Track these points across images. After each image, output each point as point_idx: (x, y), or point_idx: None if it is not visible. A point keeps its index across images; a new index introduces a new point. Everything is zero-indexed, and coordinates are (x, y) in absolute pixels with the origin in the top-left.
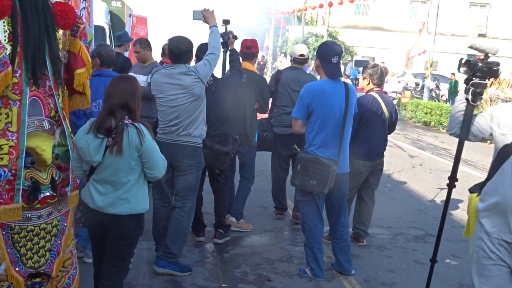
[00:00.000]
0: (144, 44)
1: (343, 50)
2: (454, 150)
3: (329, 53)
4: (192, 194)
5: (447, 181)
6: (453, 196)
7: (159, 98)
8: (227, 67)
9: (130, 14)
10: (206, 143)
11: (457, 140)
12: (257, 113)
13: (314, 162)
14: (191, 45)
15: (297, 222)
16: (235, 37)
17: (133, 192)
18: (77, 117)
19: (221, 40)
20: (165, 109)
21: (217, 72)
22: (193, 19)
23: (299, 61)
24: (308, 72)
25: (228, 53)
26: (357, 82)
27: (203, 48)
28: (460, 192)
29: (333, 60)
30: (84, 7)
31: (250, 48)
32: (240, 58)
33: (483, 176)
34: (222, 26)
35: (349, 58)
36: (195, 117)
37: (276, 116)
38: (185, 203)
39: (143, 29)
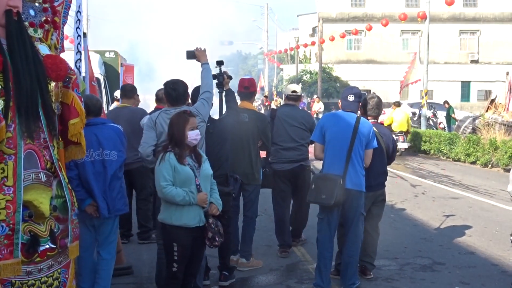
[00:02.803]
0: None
1: (339, 84)
2: (456, 177)
3: (346, 93)
4: None
5: (452, 208)
6: (458, 222)
7: (165, 141)
8: (224, 107)
9: (121, 64)
10: None
11: (459, 167)
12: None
13: (323, 179)
14: (187, 87)
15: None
16: (230, 77)
17: (162, 204)
18: (68, 168)
19: (216, 81)
20: None
21: (214, 113)
22: (187, 58)
23: (292, 98)
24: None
25: (223, 93)
26: None
27: (197, 92)
28: (465, 218)
29: (349, 98)
30: (79, 59)
31: (248, 88)
32: (238, 98)
33: (486, 201)
34: (216, 67)
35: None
36: None
37: (274, 152)
38: None
39: (130, 77)
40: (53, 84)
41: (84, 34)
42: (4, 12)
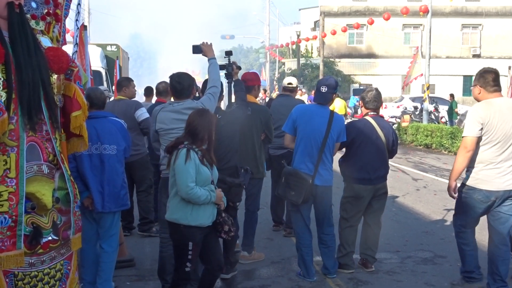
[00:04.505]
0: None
1: (341, 78)
2: None
3: (320, 84)
4: None
5: (453, 202)
6: None
7: (167, 134)
8: (233, 98)
9: (117, 57)
10: None
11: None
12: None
13: (293, 175)
14: (193, 80)
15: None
16: (239, 68)
17: (172, 203)
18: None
19: (225, 71)
20: None
21: (223, 103)
22: (193, 53)
23: (288, 89)
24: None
25: (232, 83)
26: (356, 110)
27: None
28: None
29: (322, 89)
30: (76, 51)
31: (246, 82)
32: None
33: None
34: (225, 57)
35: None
36: None
37: None
38: None
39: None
40: (55, 76)
41: (85, 27)
42: (6, 4)
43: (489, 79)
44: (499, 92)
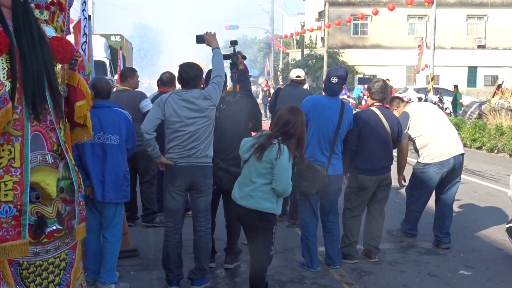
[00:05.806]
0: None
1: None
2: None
3: (330, 74)
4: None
5: (457, 193)
6: (463, 207)
7: (175, 123)
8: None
9: (120, 47)
10: (221, 166)
11: (465, 152)
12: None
13: (308, 167)
14: (201, 71)
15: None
16: (244, 57)
17: (257, 193)
18: None
19: (230, 61)
20: (182, 134)
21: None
22: (197, 43)
23: (296, 82)
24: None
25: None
26: (360, 100)
27: (210, 75)
28: (470, 202)
29: (333, 80)
30: (85, 41)
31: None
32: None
33: (491, 186)
34: (230, 47)
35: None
36: (210, 139)
37: None
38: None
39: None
40: (59, 66)
41: (89, 16)
42: None
43: (398, 101)
44: (407, 102)
